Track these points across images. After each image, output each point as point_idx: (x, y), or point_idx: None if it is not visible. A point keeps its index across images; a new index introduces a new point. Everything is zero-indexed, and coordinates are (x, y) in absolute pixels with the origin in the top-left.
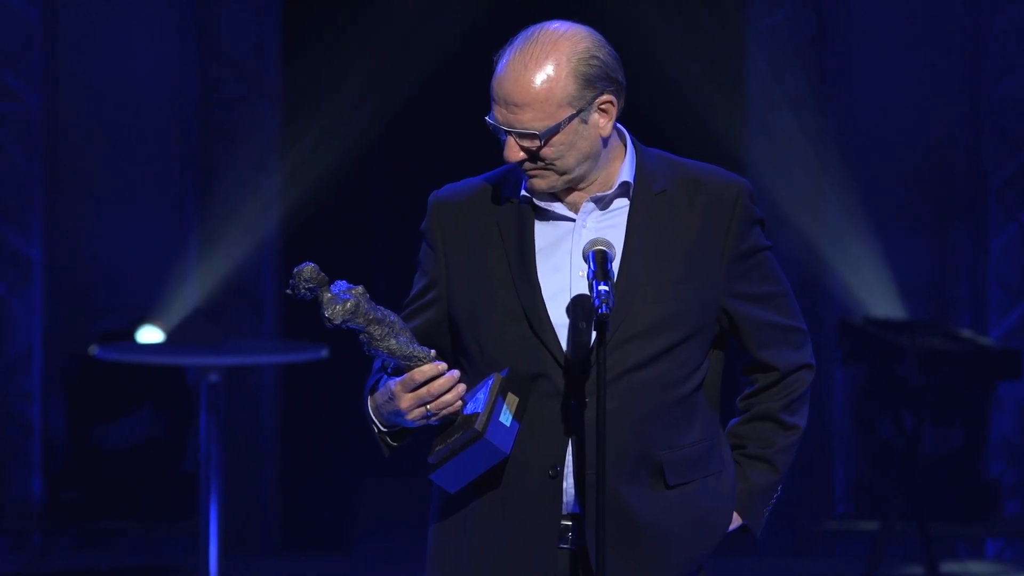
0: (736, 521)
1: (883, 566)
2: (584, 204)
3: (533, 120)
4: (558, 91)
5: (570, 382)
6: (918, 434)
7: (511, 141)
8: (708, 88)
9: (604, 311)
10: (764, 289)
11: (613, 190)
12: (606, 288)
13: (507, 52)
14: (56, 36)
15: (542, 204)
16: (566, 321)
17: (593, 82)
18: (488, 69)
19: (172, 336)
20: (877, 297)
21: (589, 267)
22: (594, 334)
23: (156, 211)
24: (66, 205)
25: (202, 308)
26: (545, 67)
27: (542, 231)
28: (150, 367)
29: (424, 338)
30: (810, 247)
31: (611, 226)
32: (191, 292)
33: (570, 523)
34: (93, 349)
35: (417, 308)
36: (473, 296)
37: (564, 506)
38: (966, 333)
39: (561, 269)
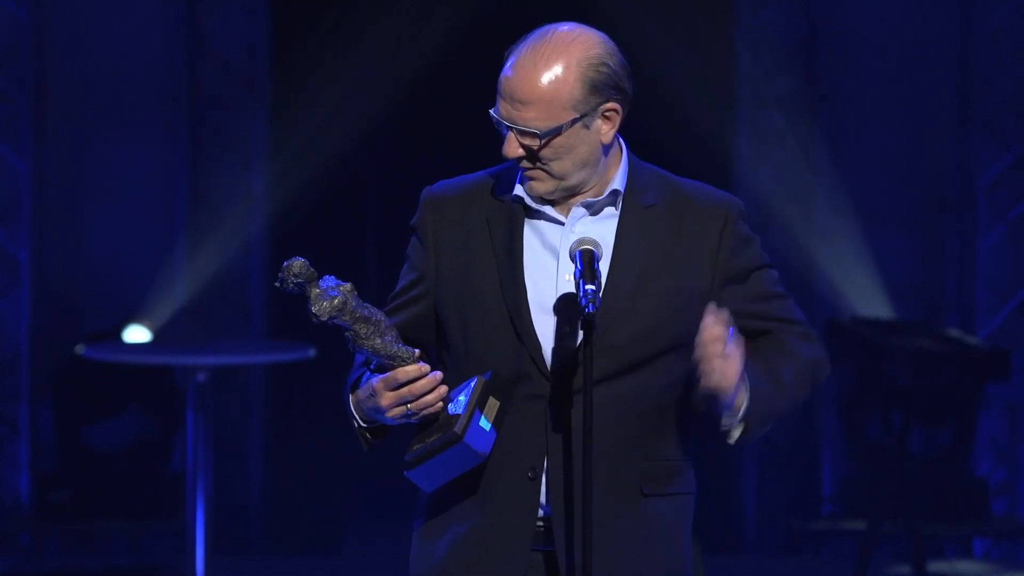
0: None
1: (871, 566)
2: (574, 209)
3: (536, 119)
4: (564, 93)
5: (554, 385)
6: (906, 434)
7: (511, 137)
8: (697, 88)
9: (591, 310)
10: (766, 305)
11: (603, 197)
12: (592, 288)
13: (518, 49)
14: (45, 36)
15: (533, 205)
16: (551, 324)
17: (600, 89)
18: (477, 71)
19: (160, 336)
20: (865, 297)
21: (576, 266)
22: (580, 334)
23: (144, 211)
24: (54, 206)
25: (190, 308)
26: (554, 68)
27: (531, 232)
28: (138, 367)
29: (409, 332)
30: (798, 247)
31: (599, 233)
32: (179, 292)
33: (546, 526)
34: (80, 349)
35: (404, 302)
36: (461, 294)
37: (541, 508)
38: (954, 333)
39: (548, 272)
